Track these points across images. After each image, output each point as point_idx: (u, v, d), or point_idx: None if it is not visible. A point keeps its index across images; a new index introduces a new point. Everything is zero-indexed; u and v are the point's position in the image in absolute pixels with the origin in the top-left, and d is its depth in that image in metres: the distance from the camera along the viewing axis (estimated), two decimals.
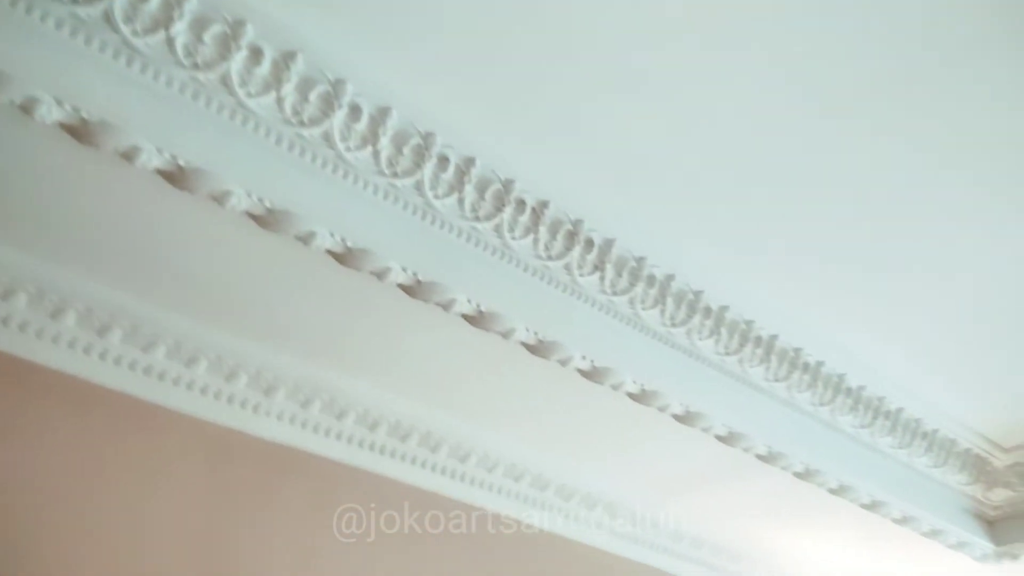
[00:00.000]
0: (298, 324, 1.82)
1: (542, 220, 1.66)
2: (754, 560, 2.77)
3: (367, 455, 2.06)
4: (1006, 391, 2.25)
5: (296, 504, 1.92)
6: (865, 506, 2.33)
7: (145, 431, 1.77)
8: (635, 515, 2.51)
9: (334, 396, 1.99)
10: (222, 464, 1.86)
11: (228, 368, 1.86)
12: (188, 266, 1.64)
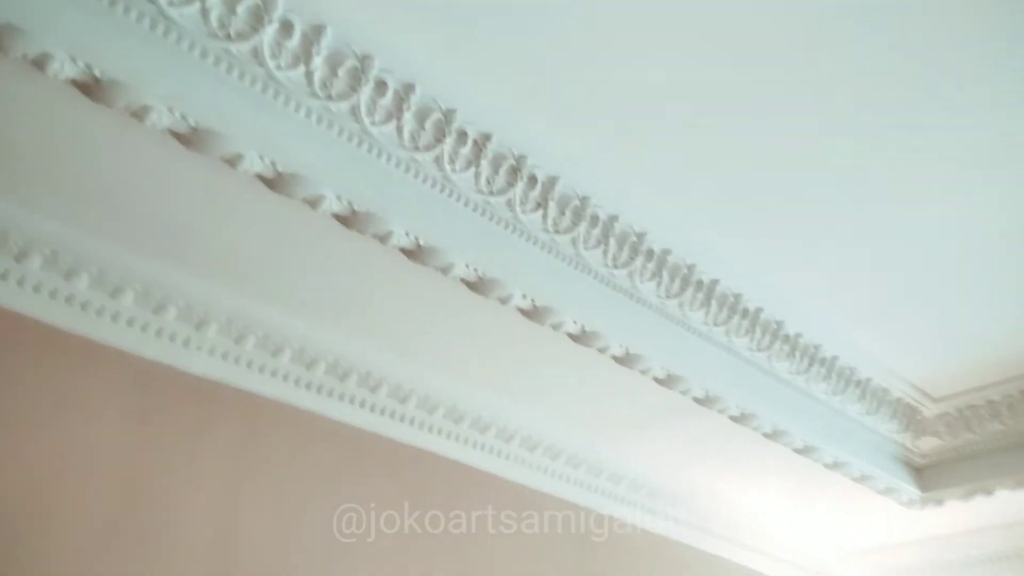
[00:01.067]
0: (230, 256, 1.76)
1: (484, 154, 1.62)
2: (690, 504, 2.82)
3: (304, 394, 2.02)
4: (938, 342, 2.31)
5: (227, 441, 1.88)
6: (798, 451, 2.38)
7: (67, 362, 1.70)
8: (575, 457, 2.52)
9: (269, 332, 1.94)
10: (151, 399, 1.80)
11: (156, 300, 1.79)
12: (109, 187, 1.56)
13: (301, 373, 2.01)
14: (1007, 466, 2.51)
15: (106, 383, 1.75)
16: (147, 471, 1.75)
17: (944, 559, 3.13)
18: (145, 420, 1.78)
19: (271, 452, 1.94)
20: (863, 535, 3.17)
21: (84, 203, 1.59)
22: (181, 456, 1.80)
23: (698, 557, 2.89)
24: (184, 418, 1.83)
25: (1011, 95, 1.53)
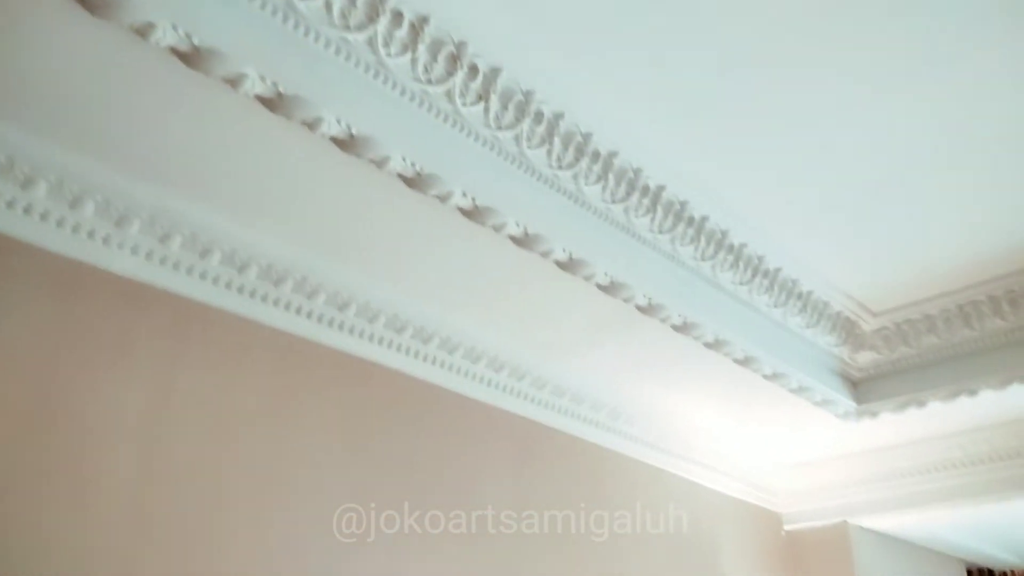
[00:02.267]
0: (153, 147, 1.64)
1: (421, 38, 1.53)
2: (631, 417, 2.84)
3: (236, 298, 1.95)
4: (879, 257, 2.32)
5: (154, 344, 1.80)
6: (738, 361, 2.40)
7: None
8: (518, 369, 2.51)
9: (196, 232, 1.84)
10: (70, 298, 1.71)
11: (71, 194, 1.68)
12: (30, 74, 1.43)
13: (232, 276, 1.93)
14: (940, 378, 2.57)
15: (20, 281, 1.65)
16: (68, 373, 1.67)
17: (878, 471, 3.24)
18: (64, 321, 1.69)
19: (201, 357, 1.87)
20: (800, 448, 3.25)
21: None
22: (105, 359, 1.72)
23: (639, 469, 2.93)
24: (107, 320, 1.75)
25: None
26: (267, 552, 1.83)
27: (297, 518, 1.91)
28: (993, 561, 4.15)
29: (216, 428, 1.85)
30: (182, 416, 1.80)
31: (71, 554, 1.57)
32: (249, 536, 1.81)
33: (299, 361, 2.05)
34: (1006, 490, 2.95)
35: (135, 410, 1.74)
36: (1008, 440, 2.93)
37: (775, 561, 3.39)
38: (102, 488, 1.65)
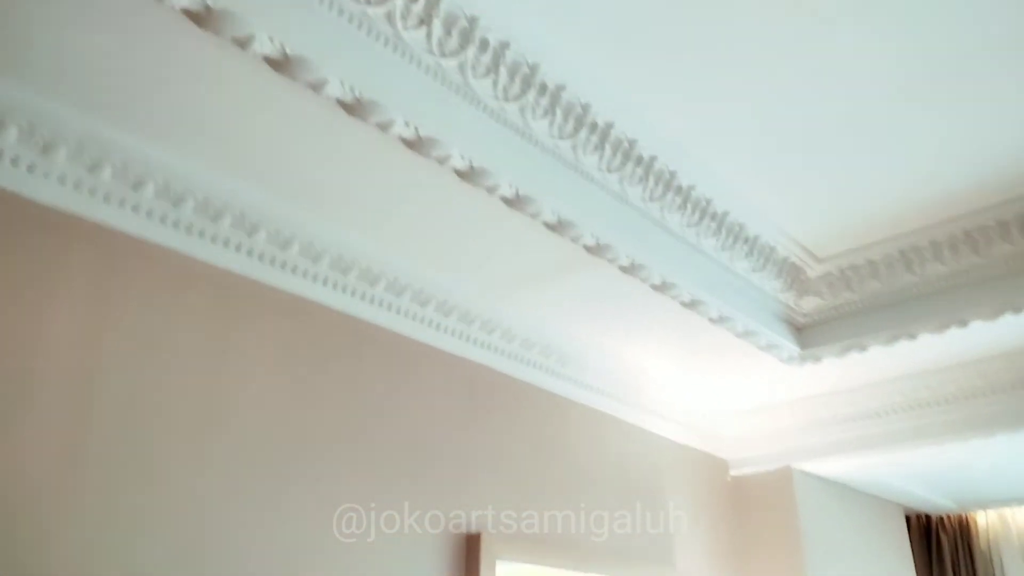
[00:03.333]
0: (81, 70, 1.56)
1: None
2: (581, 362, 2.85)
3: (171, 233, 1.88)
4: (826, 202, 2.34)
5: (83, 279, 1.74)
6: (685, 304, 2.41)
7: None
8: (468, 313, 2.49)
9: (128, 162, 1.77)
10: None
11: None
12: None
13: (167, 210, 1.86)
14: (881, 323, 2.62)
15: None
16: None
17: (821, 417, 3.31)
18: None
19: (135, 292, 1.81)
20: (746, 395, 3.31)
21: None
22: (33, 293, 1.66)
23: (588, 415, 2.95)
24: (34, 253, 1.68)
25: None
26: (205, 488, 1.80)
27: (237, 455, 1.88)
28: (931, 506, 4.31)
29: (152, 365, 1.80)
30: (116, 352, 1.75)
31: (1, 491, 1.53)
32: (187, 472, 1.78)
33: (239, 299, 2.00)
34: (944, 434, 3.04)
35: (67, 346, 1.68)
36: (946, 386, 3.02)
37: (721, 506, 3.47)
38: (33, 424, 1.60)
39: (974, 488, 3.97)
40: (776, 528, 3.36)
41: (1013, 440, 3.00)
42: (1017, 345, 2.81)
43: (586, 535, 2.74)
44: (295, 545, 1.93)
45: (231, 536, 1.81)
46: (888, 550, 3.97)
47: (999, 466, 3.56)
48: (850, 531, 3.69)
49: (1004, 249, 2.39)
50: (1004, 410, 2.92)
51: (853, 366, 2.96)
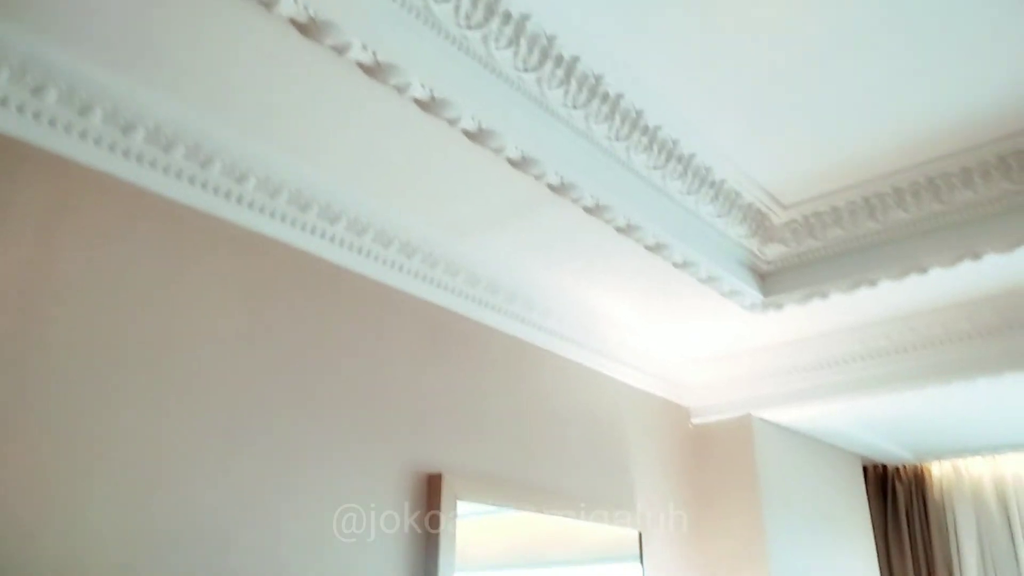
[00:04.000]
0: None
1: None
2: (546, 308, 2.84)
3: (120, 162, 1.82)
4: (791, 147, 2.33)
5: (28, 208, 1.67)
6: (649, 248, 2.40)
7: None
8: (431, 255, 2.46)
9: (74, 86, 1.70)
10: None
11: None
12: None
13: (117, 138, 1.80)
14: (842, 270, 2.64)
15: None
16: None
17: (782, 365, 3.35)
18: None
19: (85, 224, 1.76)
20: (708, 343, 3.33)
21: None
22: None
23: (553, 361, 2.96)
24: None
25: None
26: (159, 423, 1.77)
27: (192, 391, 1.85)
28: (888, 457, 4.41)
29: (104, 300, 1.75)
30: (66, 286, 1.70)
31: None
32: (140, 406, 1.74)
33: (193, 233, 1.95)
34: (901, 382, 3.09)
35: (12, 279, 1.63)
36: (904, 334, 3.06)
37: (682, 453, 3.51)
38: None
39: (930, 439, 4.07)
40: (735, 475, 3.41)
41: (969, 389, 3.06)
42: (975, 294, 2.85)
43: (548, 478, 2.76)
44: (252, 483, 1.91)
45: (185, 471, 1.79)
46: (845, 499, 4.06)
47: (955, 417, 3.64)
48: (808, 479, 3.77)
49: (965, 196, 2.40)
50: (961, 359, 2.97)
51: (814, 314, 2.99)
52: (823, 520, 3.77)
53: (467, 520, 2.37)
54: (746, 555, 3.29)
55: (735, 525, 3.34)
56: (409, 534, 2.23)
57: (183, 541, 1.73)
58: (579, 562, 2.88)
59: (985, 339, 2.92)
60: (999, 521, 4.26)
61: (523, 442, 2.72)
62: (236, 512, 1.85)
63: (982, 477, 4.37)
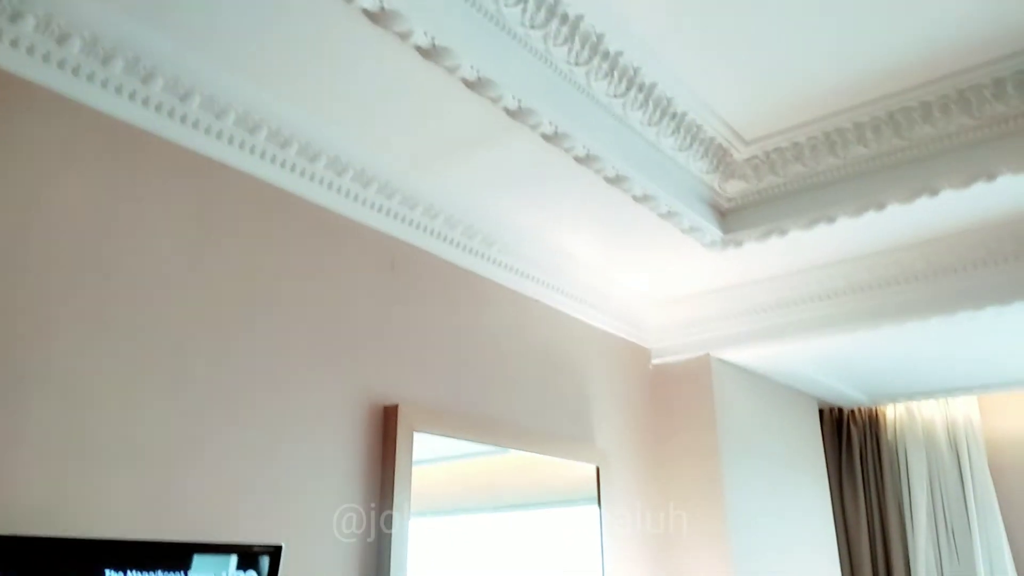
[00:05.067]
0: None
1: None
2: (506, 244, 2.81)
3: (54, 73, 1.73)
4: (753, 80, 2.30)
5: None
6: (609, 180, 2.37)
7: None
8: (388, 185, 2.40)
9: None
10: None
11: None
12: None
13: (50, 48, 1.70)
14: (802, 206, 2.64)
15: None
16: None
17: (740, 306, 3.37)
18: None
19: (16, 137, 1.67)
20: (668, 284, 3.33)
21: None
22: None
23: (513, 298, 2.94)
24: None
25: None
26: (101, 347, 1.72)
27: (134, 318, 1.80)
28: (844, 400, 4.49)
29: (46, 219, 1.68)
30: (3, 203, 1.63)
31: None
32: (83, 330, 1.69)
33: (134, 153, 1.87)
34: (857, 322, 3.13)
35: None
36: (860, 274, 3.08)
37: (641, 392, 3.54)
38: None
39: (885, 382, 4.14)
40: (694, 415, 3.45)
41: (924, 328, 3.10)
42: (930, 234, 2.87)
43: (507, 414, 2.76)
44: (199, 408, 1.87)
45: (128, 393, 1.74)
46: (800, 440, 4.14)
47: (909, 359, 3.71)
48: (765, 420, 3.83)
49: (925, 131, 2.40)
50: (916, 298, 3.01)
51: (773, 254, 3.00)
52: (779, 460, 3.85)
53: (425, 467, 2.35)
54: (702, 493, 3.34)
55: (692, 464, 3.39)
56: (364, 464, 2.22)
57: (123, 462, 1.70)
58: (537, 505, 2.91)
59: (940, 278, 2.96)
60: (949, 462, 4.38)
61: (482, 377, 2.71)
62: (182, 436, 1.82)
63: (934, 419, 4.48)
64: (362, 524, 2.16)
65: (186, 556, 1.51)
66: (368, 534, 2.17)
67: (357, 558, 2.13)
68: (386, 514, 2.19)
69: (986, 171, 2.35)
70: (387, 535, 2.17)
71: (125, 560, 1.41)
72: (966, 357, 3.69)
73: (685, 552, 3.32)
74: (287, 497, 2.00)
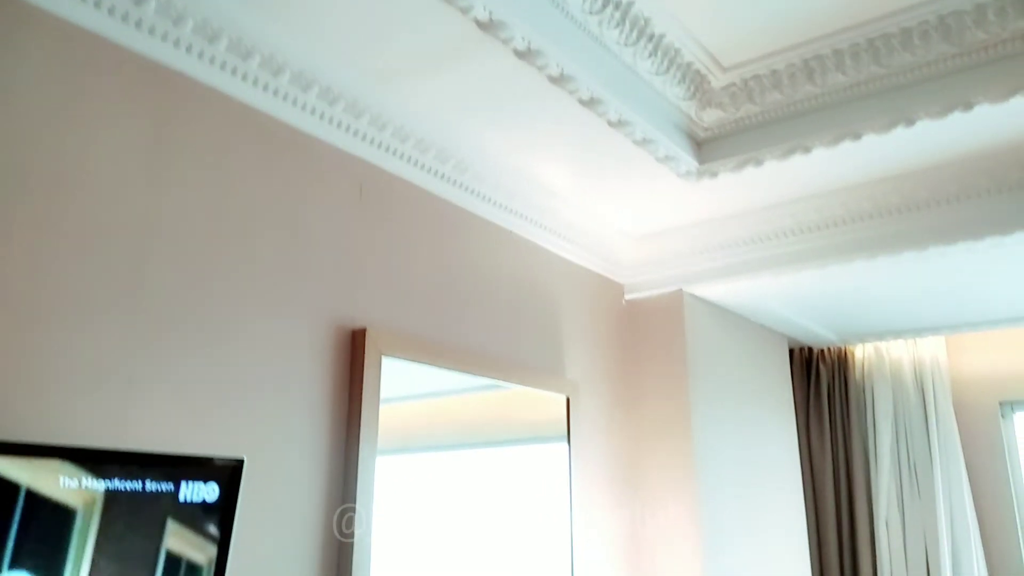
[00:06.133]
0: None
1: None
2: (479, 171, 2.76)
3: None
4: (733, 5, 2.24)
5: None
6: (583, 102, 2.32)
7: None
8: (355, 104, 2.33)
9: None
10: None
11: None
12: None
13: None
14: (778, 135, 2.61)
15: None
16: None
17: (714, 241, 3.36)
18: None
19: None
20: (643, 218, 3.31)
21: None
22: None
23: (485, 227, 2.90)
24: None
25: None
26: (54, 258, 1.66)
27: (93, 226, 1.74)
28: (814, 339, 4.53)
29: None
30: None
31: None
32: (36, 240, 1.63)
33: (90, 59, 1.79)
34: (829, 257, 3.13)
35: None
36: (834, 208, 3.07)
37: (614, 327, 3.54)
38: None
39: (854, 321, 4.18)
40: (665, 350, 3.46)
41: (895, 264, 3.11)
42: (904, 168, 2.86)
43: (477, 342, 2.75)
44: (158, 325, 1.83)
45: (82, 306, 1.70)
46: (770, 378, 4.18)
47: (879, 298, 3.73)
48: (735, 357, 3.85)
49: (904, 59, 2.36)
50: (889, 233, 3.01)
51: (747, 186, 2.98)
52: (748, 397, 3.89)
53: (395, 404, 2.34)
54: (670, 428, 3.37)
55: (662, 399, 3.41)
56: (332, 388, 2.20)
57: (80, 377, 1.66)
58: (507, 443, 2.92)
59: (913, 213, 2.95)
60: (915, 401, 4.46)
61: (453, 305, 2.69)
62: (141, 351, 1.78)
63: (902, 359, 4.55)
64: (329, 445, 2.15)
65: (147, 465, 1.49)
66: (335, 455, 2.16)
67: (322, 478, 2.12)
68: (353, 435, 2.18)
69: (963, 100, 2.32)
70: (354, 456, 2.16)
71: (81, 464, 1.39)
72: (936, 297, 3.72)
73: (653, 486, 3.36)
74: (251, 415, 1.98)
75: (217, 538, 1.61)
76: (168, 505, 1.50)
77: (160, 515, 1.48)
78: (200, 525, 1.56)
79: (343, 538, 2.11)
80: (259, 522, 1.92)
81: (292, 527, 2.02)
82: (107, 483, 1.42)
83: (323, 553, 2.08)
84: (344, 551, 2.11)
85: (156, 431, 1.75)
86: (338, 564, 2.11)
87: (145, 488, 1.48)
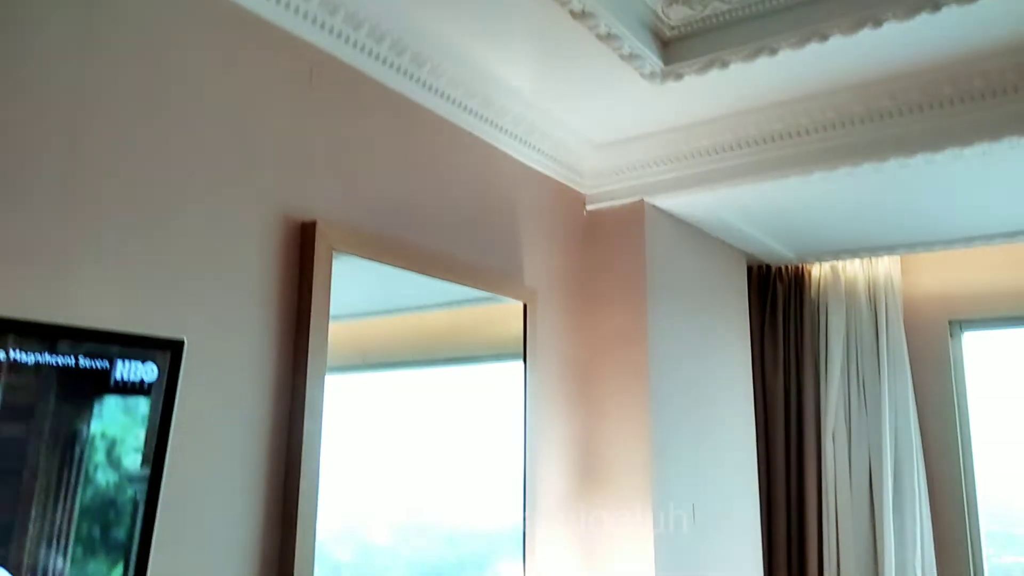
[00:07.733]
0: None
1: None
2: (437, 66, 2.65)
3: None
4: None
5: None
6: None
7: None
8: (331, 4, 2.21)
9: None
10: None
11: None
12: None
13: None
14: (745, 35, 2.54)
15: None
16: None
17: (676, 151, 3.31)
18: None
19: None
20: (604, 123, 3.24)
21: None
22: None
23: (442, 126, 2.82)
24: None
25: None
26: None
27: (18, 93, 1.64)
28: (772, 256, 4.57)
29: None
30: None
31: None
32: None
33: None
34: (790, 167, 3.11)
35: None
36: (798, 118, 3.04)
37: (574, 236, 3.51)
38: None
39: (812, 238, 4.20)
40: (625, 260, 3.44)
41: (854, 176, 3.10)
42: (868, 76, 2.82)
43: (433, 243, 2.70)
44: (97, 208, 1.74)
45: (9, 188, 1.61)
46: (727, 294, 4.21)
47: (837, 214, 3.75)
48: (694, 270, 3.86)
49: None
50: (850, 143, 2.99)
51: (711, 92, 2.92)
52: (704, 311, 3.91)
53: (349, 323, 2.29)
54: (626, 336, 3.38)
55: (619, 309, 3.41)
56: (280, 282, 2.14)
57: (8, 251, 1.58)
58: (463, 361, 2.91)
59: (876, 123, 2.93)
60: (867, 318, 4.54)
61: (408, 205, 2.62)
62: (77, 228, 1.70)
63: (857, 278, 4.61)
64: (278, 334, 2.11)
65: (79, 340, 1.43)
66: (285, 346, 2.12)
67: (271, 370, 2.08)
68: (303, 328, 2.14)
69: (931, 1, 2.27)
70: (303, 346, 2.12)
71: (7, 335, 1.33)
72: (893, 216, 3.75)
73: (606, 394, 3.39)
74: (193, 301, 1.91)
75: (157, 422, 1.58)
76: (101, 383, 1.45)
77: (91, 393, 1.43)
78: (136, 406, 1.52)
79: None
80: (201, 410, 1.88)
81: (239, 417, 1.99)
82: (36, 356, 1.37)
83: (269, 445, 2.06)
84: (293, 446, 2.09)
85: (91, 309, 1.68)
86: (287, 460, 2.09)
87: (79, 364, 1.43)
